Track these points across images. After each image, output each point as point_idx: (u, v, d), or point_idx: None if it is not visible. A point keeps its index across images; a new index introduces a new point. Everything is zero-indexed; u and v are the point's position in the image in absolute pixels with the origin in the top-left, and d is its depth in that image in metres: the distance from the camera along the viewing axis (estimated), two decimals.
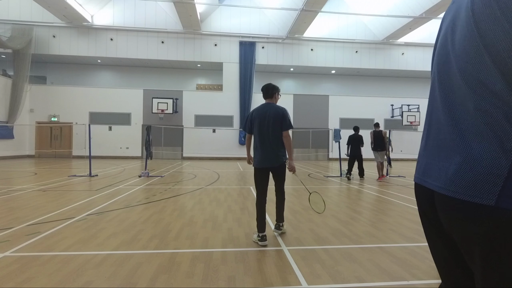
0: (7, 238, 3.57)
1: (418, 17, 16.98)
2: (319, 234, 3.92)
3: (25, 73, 17.75)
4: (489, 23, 0.68)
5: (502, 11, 0.65)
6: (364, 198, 6.55)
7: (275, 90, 3.84)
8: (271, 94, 3.83)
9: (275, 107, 3.72)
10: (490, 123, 0.70)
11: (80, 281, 2.51)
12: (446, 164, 0.81)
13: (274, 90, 3.84)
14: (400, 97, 21.88)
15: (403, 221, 4.62)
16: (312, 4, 15.71)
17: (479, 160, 0.72)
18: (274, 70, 21.97)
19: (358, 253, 3.22)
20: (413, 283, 2.55)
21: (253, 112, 3.79)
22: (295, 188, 8.01)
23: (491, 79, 0.69)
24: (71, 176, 9.73)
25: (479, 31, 0.71)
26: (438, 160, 0.86)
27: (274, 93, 3.84)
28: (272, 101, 3.84)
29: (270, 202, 5.03)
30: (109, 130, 19.33)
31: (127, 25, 19.05)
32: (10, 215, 4.66)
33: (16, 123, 17.44)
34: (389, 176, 10.91)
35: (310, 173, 11.85)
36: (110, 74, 21.10)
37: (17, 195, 6.33)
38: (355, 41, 20.81)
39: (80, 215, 4.71)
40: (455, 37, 0.81)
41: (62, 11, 16.80)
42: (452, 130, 0.81)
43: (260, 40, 20.25)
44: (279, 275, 2.67)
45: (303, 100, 20.94)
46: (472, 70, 0.73)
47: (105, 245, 3.39)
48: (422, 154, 0.97)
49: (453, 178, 0.77)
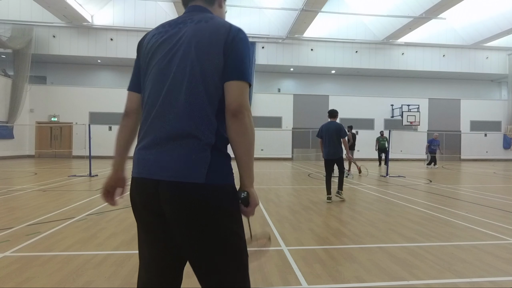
0: (7, 238, 3.57)
1: (418, 17, 16.98)
2: (319, 234, 3.91)
3: (25, 73, 17.74)
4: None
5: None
6: (364, 198, 6.55)
7: (337, 113, 6.28)
8: (335, 116, 6.21)
9: (335, 123, 6.12)
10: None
11: (80, 281, 2.51)
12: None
13: (336, 113, 6.26)
14: (400, 97, 21.88)
15: (403, 221, 4.62)
16: (312, 4, 15.71)
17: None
18: (274, 70, 21.97)
19: (358, 253, 3.22)
20: (413, 283, 2.55)
21: (323, 126, 6.22)
22: (295, 188, 8.01)
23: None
24: (71, 176, 9.73)
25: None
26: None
27: (336, 115, 6.22)
28: (334, 120, 6.17)
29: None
30: (109, 130, 19.32)
31: (127, 25, 19.05)
32: (10, 215, 4.66)
33: (16, 123, 17.44)
34: (389, 176, 10.90)
35: (310, 173, 11.85)
36: (110, 74, 21.10)
37: (17, 195, 6.33)
38: (355, 41, 20.81)
39: (80, 215, 4.71)
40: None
41: (62, 11, 16.80)
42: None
43: (260, 40, 20.25)
44: (279, 275, 2.67)
45: (303, 100, 20.94)
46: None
47: (105, 245, 3.39)
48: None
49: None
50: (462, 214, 5.09)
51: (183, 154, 1.12)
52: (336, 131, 5.97)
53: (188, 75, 1.17)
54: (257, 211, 5.20)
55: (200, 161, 1.13)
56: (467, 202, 6.25)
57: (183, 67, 1.18)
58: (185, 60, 1.18)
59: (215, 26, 1.22)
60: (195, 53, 1.18)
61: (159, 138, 1.16)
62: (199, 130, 1.14)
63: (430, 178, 10.70)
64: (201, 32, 1.20)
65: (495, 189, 8.14)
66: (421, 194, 7.17)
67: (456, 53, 21.86)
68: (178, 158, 1.12)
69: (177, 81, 1.18)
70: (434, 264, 2.95)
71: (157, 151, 1.16)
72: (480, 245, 3.54)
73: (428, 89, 23.45)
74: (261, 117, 20.48)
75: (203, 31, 1.20)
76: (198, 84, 1.16)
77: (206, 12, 1.33)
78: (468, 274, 2.73)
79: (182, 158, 1.12)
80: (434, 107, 22.09)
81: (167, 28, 1.29)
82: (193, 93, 1.16)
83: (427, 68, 21.72)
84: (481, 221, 4.65)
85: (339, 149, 6.05)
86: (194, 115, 1.15)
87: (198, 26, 1.23)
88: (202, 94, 1.16)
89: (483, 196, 6.96)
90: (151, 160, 1.16)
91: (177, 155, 1.13)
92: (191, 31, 1.21)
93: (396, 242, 3.60)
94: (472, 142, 22.03)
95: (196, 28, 1.22)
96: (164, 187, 1.12)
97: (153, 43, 1.29)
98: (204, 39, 1.19)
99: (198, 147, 1.13)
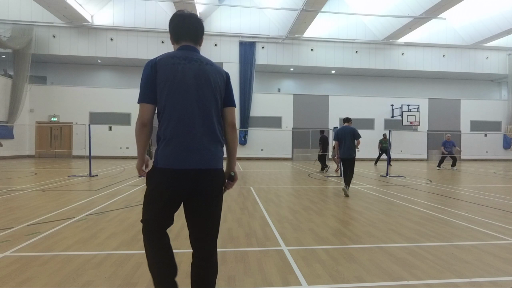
0: (7, 238, 3.57)
1: (418, 17, 16.98)
2: (319, 234, 3.91)
3: (25, 73, 17.75)
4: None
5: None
6: (364, 198, 6.55)
7: (351, 120, 7.44)
8: (349, 121, 7.36)
9: (350, 128, 7.13)
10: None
11: (80, 281, 2.51)
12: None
13: (350, 119, 7.41)
14: (400, 97, 21.88)
15: (403, 221, 4.62)
16: (312, 4, 15.71)
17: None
18: (274, 70, 21.97)
19: (358, 253, 3.22)
20: (413, 283, 2.55)
21: (339, 130, 7.26)
22: (295, 188, 8.01)
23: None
24: (71, 176, 9.73)
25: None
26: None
27: (350, 121, 7.38)
28: (349, 124, 7.28)
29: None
30: (109, 130, 19.33)
31: (127, 25, 19.05)
32: (10, 215, 4.66)
33: (16, 123, 17.44)
34: (389, 176, 10.90)
35: (310, 173, 11.85)
36: (110, 74, 21.10)
37: (17, 195, 6.33)
38: (355, 41, 20.81)
39: (80, 215, 4.71)
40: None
41: (62, 11, 16.80)
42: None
43: (260, 40, 20.25)
44: (279, 275, 2.67)
45: (303, 100, 20.94)
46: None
47: (105, 245, 3.39)
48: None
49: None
50: (462, 214, 5.09)
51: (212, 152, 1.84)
52: (351, 134, 7.05)
53: (212, 101, 1.83)
54: (257, 211, 5.20)
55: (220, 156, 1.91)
56: (467, 202, 6.25)
57: (209, 94, 1.82)
58: (209, 90, 1.83)
59: (218, 69, 1.92)
60: (213, 86, 1.84)
61: (192, 142, 1.77)
62: (217, 136, 1.87)
63: (430, 178, 10.70)
64: (214, 73, 1.87)
65: (495, 189, 8.14)
66: (421, 194, 7.17)
67: (456, 53, 21.87)
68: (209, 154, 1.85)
69: (206, 103, 1.81)
70: (434, 264, 2.95)
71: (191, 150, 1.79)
72: (480, 245, 3.54)
73: (428, 89, 23.45)
74: (261, 117, 20.49)
75: (215, 72, 1.88)
76: (217, 107, 1.88)
77: (197, 51, 1.93)
78: (468, 274, 2.73)
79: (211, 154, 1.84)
80: (434, 107, 22.09)
81: (185, 61, 1.82)
82: (214, 112, 1.83)
83: (427, 68, 21.72)
84: (481, 221, 4.65)
85: (352, 150, 7.08)
86: (214, 126, 1.83)
87: (209, 67, 1.87)
88: (217, 113, 1.87)
89: (483, 196, 6.96)
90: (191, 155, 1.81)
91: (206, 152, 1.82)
92: (207, 70, 1.85)
93: (396, 242, 3.60)
94: (472, 142, 22.03)
95: (208, 68, 1.86)
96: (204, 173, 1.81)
97: (178, 70, 1.78)
98: (217, 78, 1.87)
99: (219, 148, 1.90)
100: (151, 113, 1.77)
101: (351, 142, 7.02)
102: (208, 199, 1.80)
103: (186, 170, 1.73)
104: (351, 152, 7.00)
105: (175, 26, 1.92)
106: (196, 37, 1.94)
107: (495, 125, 22.57)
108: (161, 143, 1.78)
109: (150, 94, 1.76)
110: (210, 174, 1.79)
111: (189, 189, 1.76)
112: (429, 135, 21.80)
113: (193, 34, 1.92)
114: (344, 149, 7.04)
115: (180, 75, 1.76)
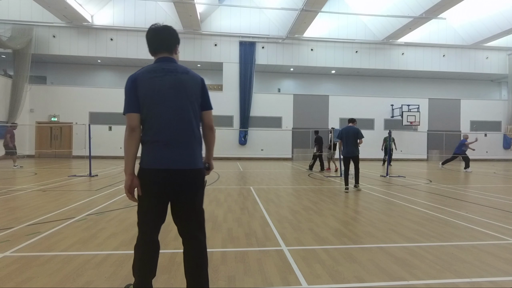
0: (7, 238, 3.57)
1: (418, 17, 16.98)
2: (319, 234, 3.91)
3: (25, 73, 17.74)
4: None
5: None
6: (364, 198, 6.55)
7: (355, 120, 7.86)
8: (353, 122, 7.81)
9: (354, 128, 7.63)
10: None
11: (80, 281, 2.51)
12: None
13: (355, 120, 7.87)
14: (400, 97, 21.88)
15: (403, 221, 4.62)
16: (312, 4, 15.71)
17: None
18: (274, 70, 21.97)
19: (358, 253, 3.22)
20: (413, 283, 2.55)
21: (343, 130, 7.73)
22: (295, 188, 8.01)
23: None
24: (71, 176, 9.73)
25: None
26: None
27: (354, 121, 7.83)
28: (353, 125, 7.74)
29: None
30: (109, 130, 19.32)
31: (127, 25, 19.05)
32: (10, 215, 4.66)
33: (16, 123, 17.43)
34: (389, 176, 10.90)
35: (310, 173, 11.85)
36: (110, 74, 21.10)
37: (17, 195, 6.33)
38: (355, 41, 20.81)
39: (80, 215, 4.71)
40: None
41: (62, 11, 16.80)
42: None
43: (260, 40, 20.25)
44: (279, 275, 2.67)
45: (303, 100, 20.94)
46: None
47: (105, 245, 3.39)
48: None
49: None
50: (462, 214, 5.09)
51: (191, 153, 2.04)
52: (354, 134, 7.54)
53: (189, 107, 2.02)
54: (257, 211, 5.20)
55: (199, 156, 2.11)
56: (467, 202, 6.25)
57: (186, 101, 2.01)
58: (186, 98, 2.01)
59: (193, 76, 2.09)
60: (190, 94, 2.03)
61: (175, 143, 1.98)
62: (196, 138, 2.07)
63: (430, 178, 10.70)
64: (190, 81, 2.05)
65: (495, 189, 8.14)
66: (421, 194, 7.17)
67: (456, 53, 21.87)
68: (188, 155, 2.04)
69: (184, 109, 2.00)
70: (434, 264, 2.95)
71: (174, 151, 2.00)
72: (480, 245, 3.54)
73: (428, 89, 23.45)
74: (261, 117, 20.49)
75: (190, 80, 2.06)
76: (195, 111, 2.05)
77: (175, 61, 2.12)
78: (468, 274, 2.73)
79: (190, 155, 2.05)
80: (434, 107, 22.09)
81: (161, 74, 2.01)
82: (192, 117, 2.03)
83: (427, 68, 21.72)
84: (481, 221, 4.65)
85: (355, 148, 7.59)
86: (193, 130, 2.02)
87: (185, 76, 2.05)
88: (195, 117, 2.05)
89: (483, 196, 6.96)
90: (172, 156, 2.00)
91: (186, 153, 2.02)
92: (183, 79, 2.03)
93: (396, 242, 3.60)
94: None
95: (184, 77, 2.04)
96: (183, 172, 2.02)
97: (156, 83, 1.98)
98: (192, 85, 2.05)
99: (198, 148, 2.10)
100: (137, 120, 1.97)
101: (354, 142, 7.55)
102: (191, 194, 2.01)
103: (168, 170, 1.94)
104: (354, 151, 7.57)
105: (150, 40, 2.11)
106: (170, 48, 2.12)
107: (495, 125, 22.57)
108: (144, 147, 2.00)
109: (134, 104, 1.97)
110: (190, 173, 2.00)
111: (172, 186, 1.95)
112: (429, 135, 21.80)
113: (167, 46, 2.11)
114: (348, 148, 7.59)
115: (158, 87, 1.97)
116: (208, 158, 2.27)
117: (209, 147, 2.24)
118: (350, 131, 7.60)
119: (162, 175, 1.93)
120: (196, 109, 2.07)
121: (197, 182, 2.03)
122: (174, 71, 2.03)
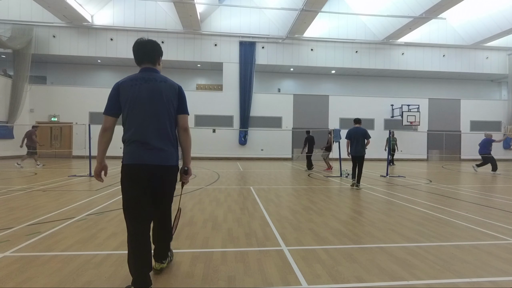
0: (7, 238, 3.57)
1: (418, 17, 16.98)
2: (319, 234, 3.91)
3: (25, 73, 17.73)
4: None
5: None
6: (364, 198, 6.55)
7: (360, 121, 8.12)
8: (360, 122, 8.11)
9: (361, 129, 7.96)
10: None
11: (80, 281, 2.51)
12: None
13: (360, 120, 8.14)
14: (400, 97, 21.87)
15: (403, 221, 4.62)
16: (312, 4, 15.71)
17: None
18: (274, 70, 21.97)
19: (358, 253, 3.22)
20: (413, 283, 2.55)
21: (351, 130, 8.02)
22: (295, 188, 8.02)
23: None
24: (71, 176, 9.73)
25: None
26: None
27: (360, 122, 8.12)
28: (360, 125, 8.04)
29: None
30: None
31: (127, 25, 19.05)
32: (10, 215, 4.66)
33: (16, 123, 17.43)
34: (389, 176, 10.90)
35: (310, 173, 11.85)
36: (110, 74, 21.10)
37: (17, 195, 6.33)
38: (355, 41, 20.80)
39: (80, 215, 4.71)
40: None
41: (62, 11, 16.80)
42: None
43: (260, 40, 20.24)
44: (279, 275, 2.67)
45: (303, 100, 20.93)
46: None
47: (105, 245, 3.39)
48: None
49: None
50: (462, 214, 5.09)
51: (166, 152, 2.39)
52: (363, 135, 7.94)
53: (164, 111, 2.35)
54: (257, 211, 5.20)
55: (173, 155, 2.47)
56: (467, 202, 6.25)
57: (161, 106, 2.34)
58: (162, 103, 2.34)
59: (171, 84, 2.42)
60: (166, 100, 2.35)
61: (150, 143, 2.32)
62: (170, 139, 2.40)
63: (430, 178, 10.70)
64: (166, 88, 2.37)
65: (495, 189, 8.14)
66: (421, 194, 7.17)
67: (456, 53, 21.86)
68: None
69: (159, 113, 2.32)
70: (434, 264, 2.95)
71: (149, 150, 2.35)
72: (480, 245, 3.54)
73: (428, 89, 23.44)
74: (261, 117, 20.48)
75: (167, 88, 2.38)
76: (170, 115, 2.39)
77: (156, 71, 2.45)
78: (468, 274, 2.73)
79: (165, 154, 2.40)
80: (434, 107, 22.08)
81: (141, 81, 2.34)
82: (166, 120, 2.36)
83: (427, 68, 21.71)
84: (481, 221, 4.65)
85: (362, 149, 7.98)
86: (167, 131, 2.35)
87: (163, 84, 2.37)
88: (170, 120, 2.38)
89: (483, 196, 6.96)
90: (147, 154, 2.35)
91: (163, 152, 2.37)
92: (160, 87, 2.36)
93: (396, 242, 3.60)
94: (472, 142, 21.99)
95: (161, 85, 2.37)
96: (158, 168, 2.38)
97: (136, 89, 2.31)
98: (168, 92, 2.37)
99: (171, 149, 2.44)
100: (111, 122, 2.34)
101: (362, 142, 7.97)
102: (164, 187, 2.42)
103: (144, 165, 2.27)
104: (361, 151, 7.96)
105: (135, 52, 2.44)
106: (153, 60, 2.45)
107: (495, 125, 22.56)
108: (125, 145, 2.35)
109: (113, 108, 2.31)
110: (163, 169, 2.34)
111: (148, 179, 2.28)
112: (429, 135, 21.80)
113: (150, 57, 2.43)
114: (356, 148, 7.97)
115: (137, 93, 2.29)
116: (186, 162, 2.49)
117: (186, 150, 2.46)
118: (358, 131, 7.96)
119: (138, 168, 2.27)
120: (171, 113, 2.38)
121: (168, 176, 2.40)
122: (153, 80, 2.35)
